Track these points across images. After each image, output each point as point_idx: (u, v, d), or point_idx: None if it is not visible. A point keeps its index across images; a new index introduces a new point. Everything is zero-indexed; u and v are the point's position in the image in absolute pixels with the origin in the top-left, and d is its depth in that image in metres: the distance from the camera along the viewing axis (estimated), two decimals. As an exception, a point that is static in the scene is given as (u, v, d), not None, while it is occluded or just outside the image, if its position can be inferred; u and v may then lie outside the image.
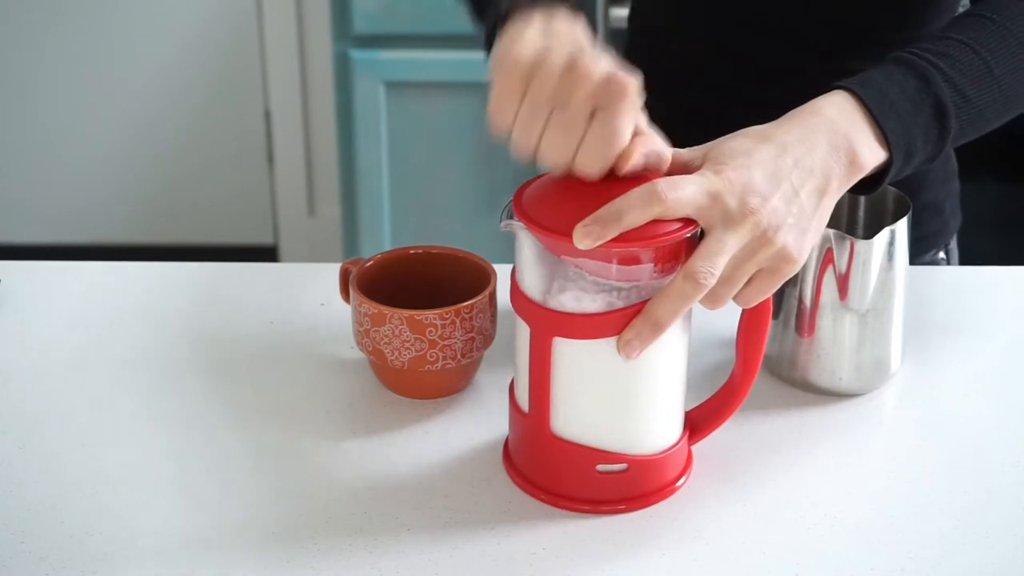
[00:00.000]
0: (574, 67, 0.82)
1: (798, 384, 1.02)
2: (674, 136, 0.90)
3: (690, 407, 0.94)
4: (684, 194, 0.82)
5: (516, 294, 0.89)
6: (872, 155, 0.89)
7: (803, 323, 1.00)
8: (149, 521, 0.89)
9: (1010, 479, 0.94)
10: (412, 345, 0.97)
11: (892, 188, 1.02)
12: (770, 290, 0.87)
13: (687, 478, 0.93)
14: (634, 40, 1.33)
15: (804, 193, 0.86)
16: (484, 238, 1.79)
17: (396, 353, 0.97)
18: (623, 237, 0.82)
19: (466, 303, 0.97)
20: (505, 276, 0.93)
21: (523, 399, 0.90)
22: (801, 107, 0.90)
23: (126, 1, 2.93)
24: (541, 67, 0.83)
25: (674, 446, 0.91)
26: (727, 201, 0.83)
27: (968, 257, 1.34)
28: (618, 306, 0.84)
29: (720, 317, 0.94)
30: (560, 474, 0.90)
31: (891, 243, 0.97)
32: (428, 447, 0.96)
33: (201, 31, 2.96)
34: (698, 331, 0.97)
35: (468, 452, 0.95)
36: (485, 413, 0.99)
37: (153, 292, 1.17)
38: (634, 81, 0.83)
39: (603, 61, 0.83)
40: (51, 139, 3.05)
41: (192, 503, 0.91)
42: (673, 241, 0.83)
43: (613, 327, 0.85)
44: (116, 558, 0.85)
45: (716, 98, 1.23)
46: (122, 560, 0.85)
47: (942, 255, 1.29)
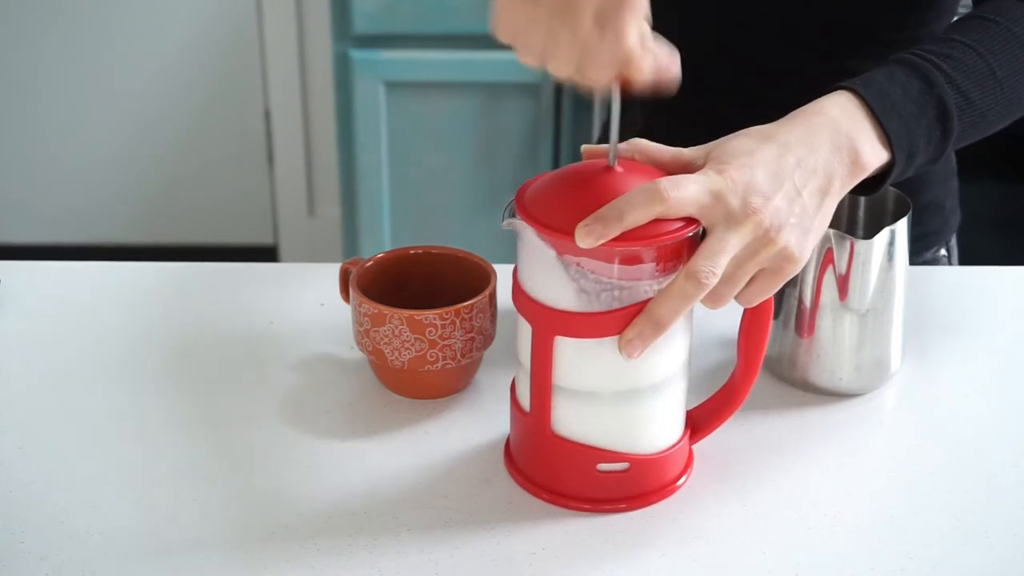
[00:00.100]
0: None
1: (798, 384, 1.02)
2: (675, 136, 0.90)
3: (691, 407, 0.94)
4: (686, 193, 0.82)
5: (518, 293, 0.89)
6: (875, 155, 0.89)
7: (803, 323, 1.00)
8: (149, 521, 0.89)
9: (1010, 479, 0.94)
10: (412, 345, 0.97)
11: (892, 188, 1.02)
12: (772, 290, 0.87)
13: (687, 478, 0.93)
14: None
15: (806, 193, 0.86)
16: (484, 238, 1.79)
17: (396, 353, 0.97)
18: (625, 236, 0.82)
19: (466, 303, 0.97)
20: (505, 276, 0.93)
21: (524, 398, 0.90)
22: (804, 107, 0.90)
23: (126, 1, 2.93)
24: None
25: (675, 446, 0.91)
26: (729, 200, 0.83)
27: (968, 257, 1.34)
28: (619, 305, 0.84)
29: (721, 317, 0.94)
30: (561, 473, 0.90)
31: (891, 243, 0.97)
32: (428, 447, 0.96)
33: (201, 31, 2.96)
34: (699, 331, 0.97)
35: (468, 452, 0.95)
36: (485, 413, 0.99)
37: (153, 292, 1.17)
38: None
39: None
40: (51, 139, 3.05)
41: (192, 503, 0.90)
42: (675, 240, 0.83)
43: (615, 326, 0.85)
44: (116, 558, 0.85)
45: (717, 98, 1.23)
46: (122, 560, 0.85)
47: (943, 252, 1.29)
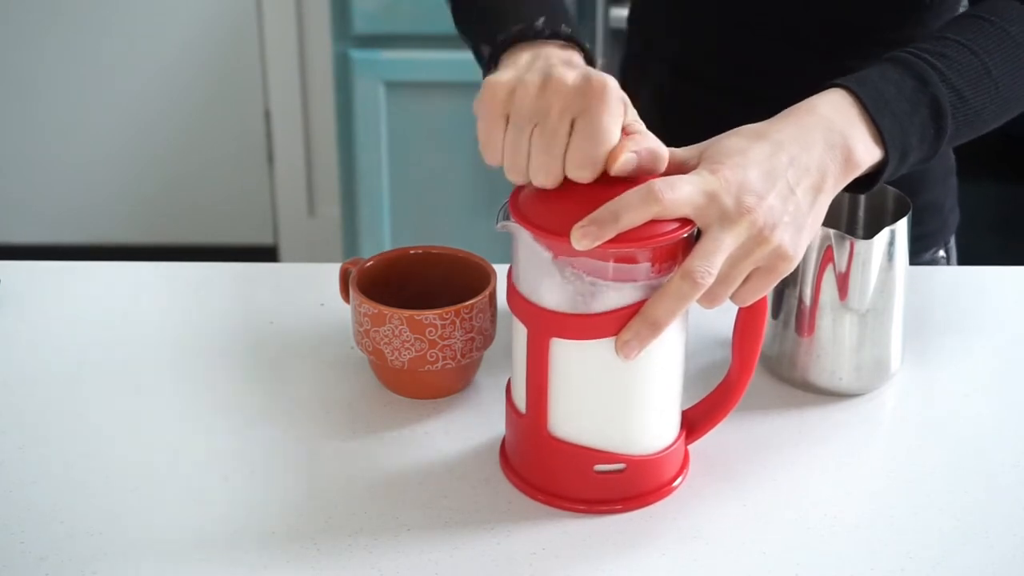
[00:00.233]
0: (547, 82, 0.83)
1: (798, 384, 1.02)
2: (675, 135, 0.90)
3: (687, 407, 0.94)
4: (681, 194, 0.82)
5: (513, 295, 0.89)
6: (868, 153, 0.89)
7: (803, 323, 1.00)
8: (149, 521, 0.89)
9: (1010, 479, 0.94)
10: (412, 345, 0.97)
11: (892, 188, 1.02)
12: (767, 288, 0.87)
13: (684, 478, 0.93)
14: (634, 40, 1.33)
15: (800, 191, 0.86)
16: (484, 238, 1.79)
17: (396, 353, 0.97)
18: (620, 237, 0.82)
19: (466, 303, 0.97)
20: (505, 276, 0.93)
21: (520, 400, 0.90)
22: (797, 105, 0.90)
23: (126, 1, 2.93)
24: (517, 90, 0.84)
25: (671, 446, 0.91)
26: (723, 200, 0.83)
27: (967, 257, 1.34)
28: (615, 307, 0.84)
29: (717, 317, 0.94)
30: (558, 474, 0.90)
31: (891, 243, 0.97)
32: (428, 447, 0.96)
33: (201, 31, 2.96)
34: (695, 331, 0.97)
35: (468, 452, 0.95)
36: (485, 413, 0.99)
37: (153, 292, 1.17)
38: (612, 81, 0.83)
39: (578, 69, 0.84)
40: (51, 139, 3.05)
41: (192, 503, 0.91)
42: (670, 241, 0.83)
43: (611, 327, 0.85)
44: (116, 558, 0.85)
45: (716, 98, 1.23)
46: (122, 560, 0.85)
47: (942, 253, 1.29)
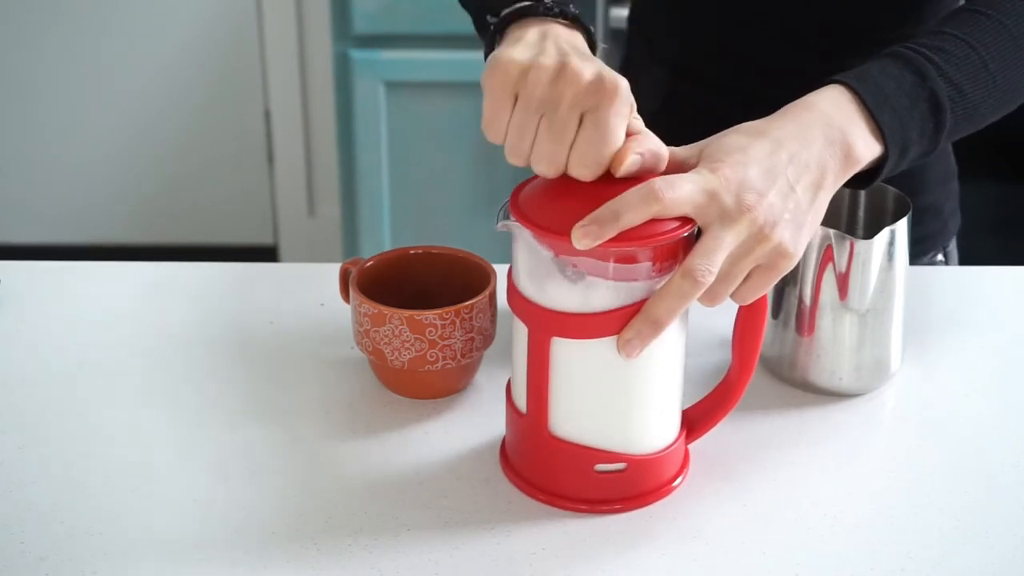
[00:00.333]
0: (563, 71, 0.82)
1: (798, 384, 1.02)
2: (675, 135, 0.90)
3: (687, 406, 0.93)
4: (681, 193, 0.82)
5: (513, 294, 0.89)
6: (867, 149, 0.89)
7: (803, 323, 1.00)
8: (149, 521, 0.89)
9: (1010, 479, 0.94)
10: (412, 345, 0.97)
11: (892, 188, 1.02)
12: (767, 286, 0.86)
13: (684, 477, 0.93)
14: (634, 40, 1.33)
15: (800, 188, 0.86)
16: (484, 238, 1.79)
17: (396, 353, 0.97)
18: (621, 236, 0.82)
19: (466, 303, 0.97)
20: (505, 276, 0.93)
21: (521, 399, 0.90)
22: (796, 102, 0.90)
23: (126, 1, 2.93)
24: (530, 73, 0.83)
25: (671, 445, 0.91)
26: (724, 199, 0.83)
27: (967, 258, 1.33)
28: (616, 305, 0.84)
29: (718, 317, 0.94)
30: (558, 474, 0.90)
31: (891, 243, 0.97)
32: (428, 447, 0.96)
33: (201, 31, 2.96)
34: (696, 331, 0.97)
35: (468, 452, 0.95)
36: (485, 413, 0.99)
37: (153, 292, 1.17)
38: (624, 82, 0.83)
39: (593, 64, 0.83)
40: (51, 139, 3.05)
41: (192, 503, 0.91)
42: (671, 240, 0.83)
43: (611, 326, 0.85)
44: (116, 558, 0.85)
45: (716, 98, 1.23)
46: (122, 560, 0.85)
47: (940, 258, 1.29)
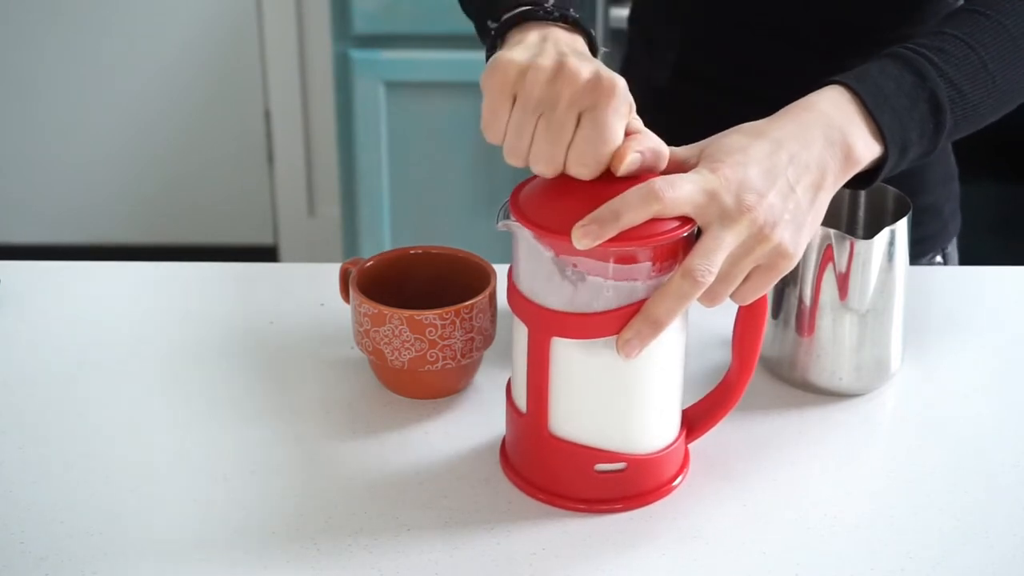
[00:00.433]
0: (561, 70, 0.83)
1: (798, 384, 1.02)
2: (675, 135, 0.90)
3: (686, 406, 0.93)
4: (681, 193, 0.82)
5: (513, 294, 0.89)
6: (867, 149, 0.89)
7: (803, 323, 1.00)
8: (149, 521, 0.89)
9: (1010, 479, 0.94)
10: (412, 345, 0.97)
11: (892, 188, 1.02)
12: (767, 286, 0.87)
13: (684, 477, 0.93)
14: (634, 40, 1.33)
15: (800, 189, 0.86)
16: (484, 238, 1.79)
17: (396, 353, 0.97)
18: (621, 236, 0.82)
19: (466, 303, 0.97)
20: (505, 276, 0.93)
21: (521, 399, 0.90)
22: (796, 102, 0.90)
23: (126, 1, 2.93)
24: (528, 73, 0.83)
25: (671, 445, 0.91)
26: (724, 199, 0.83)
27: (967, 258, 1.33)
28: (616, 305, 0.84)
29: (718, 317, 0.94)
30: (559, 474, 0.90)
31: (891, 243, 0.97)
32: (428, 447, 0.96)
33: (201, 31, 2.96)
34: (696, 331, 0.97)
35: (468, 452, 0.95)
36: (485, 413, 0.99)
37: (153, 292, 1.17)
38: (622, 81, 0.83)
39: (591, 63, 0.84)
40: (51, 139, 3.05)
41: (192, 503, 0.91)
42: (671, 240, 0.83)
43: (611, 326, 0.85)
44: (116, 558, 0.85)
45: (716, 98, 1.23)
46: (122, 560, 0.85)
47: (939, 259, 1.29)
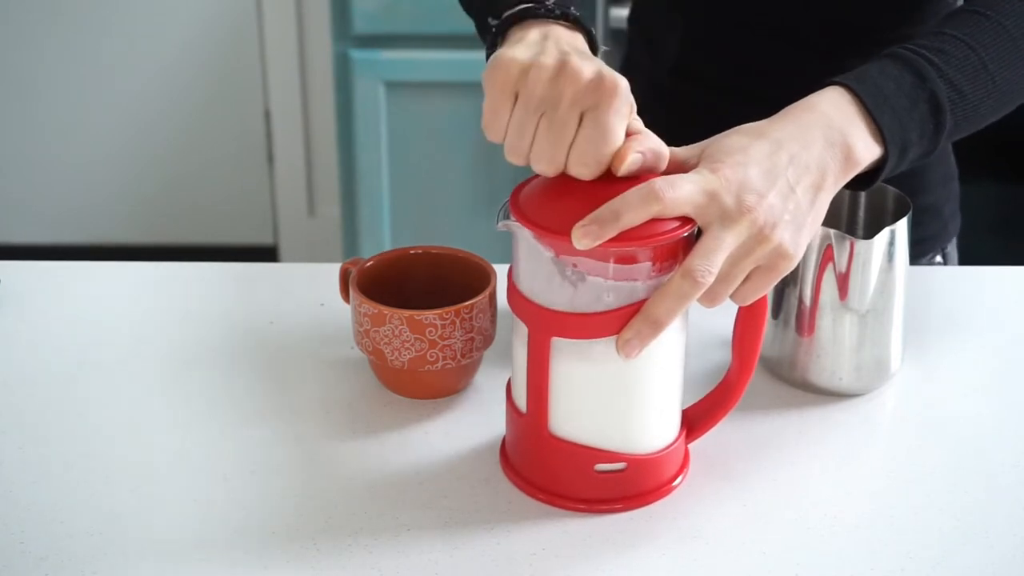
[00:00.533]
0: (563, 69, 0.82)
1: (798, 384, 1.02)
2: (675, 135, 0.90)
3: (686, 406, 0.93)
4: (681, 193, 0.82)
5: (513, 294, 0.89)
6: (867, 150, 0.89)
7: (803, 323, 1.00)
8: (149, 521, 0.89)
9: (1010, 479, 0.94)
10: (412, 345, 0.97)
11: (892, 188, 1.02)
12: (767, 287, 0.87)
13: (684, 477, 0.93)
14: (634, 40, 1.33)
15: (800, 189, 0.86)
16: (484, 238, 1.79)
17: (396, 353, 0.97)
18: (621, 236, 0.82)
19: (466, 303, 0.97)
20: (505, 276, 0.93)
21: (521, 399, 0.90)
22: (796, 103, 0.90)
23: (126, 1, 2.93)
24: (530, 71, 0.83)
25: (671, 445, 0.91)
26: (724, 199, 0.83)
27: (967, 258, 1.33)
28: (616, 305, 0.84)
29: (717, 317, 0.94)
30: (559, 474, 0.90)
31: (891, 243, 0.97)
32: (428, 447, 0.96)
33: (201, 31, 2.96)
34: (695, 331, 0.97)
35: (468, 452, 0.95)
36: (485, 413, 0.99)
37: (153, 292, 1.17)
38: (624, 81, 0.83)
39: (593, 63, 0.84)
40: (51, 139, 3.05)
41: (192, 503, 0.91)
42: (671, 240, 0.83)
43: (611, 327, 0.85)
44: (116, 558, 0.85)
45: (716, 98, 1.23)
46: (122, 560, 0.85)
47: (939, 259, 1.29)
